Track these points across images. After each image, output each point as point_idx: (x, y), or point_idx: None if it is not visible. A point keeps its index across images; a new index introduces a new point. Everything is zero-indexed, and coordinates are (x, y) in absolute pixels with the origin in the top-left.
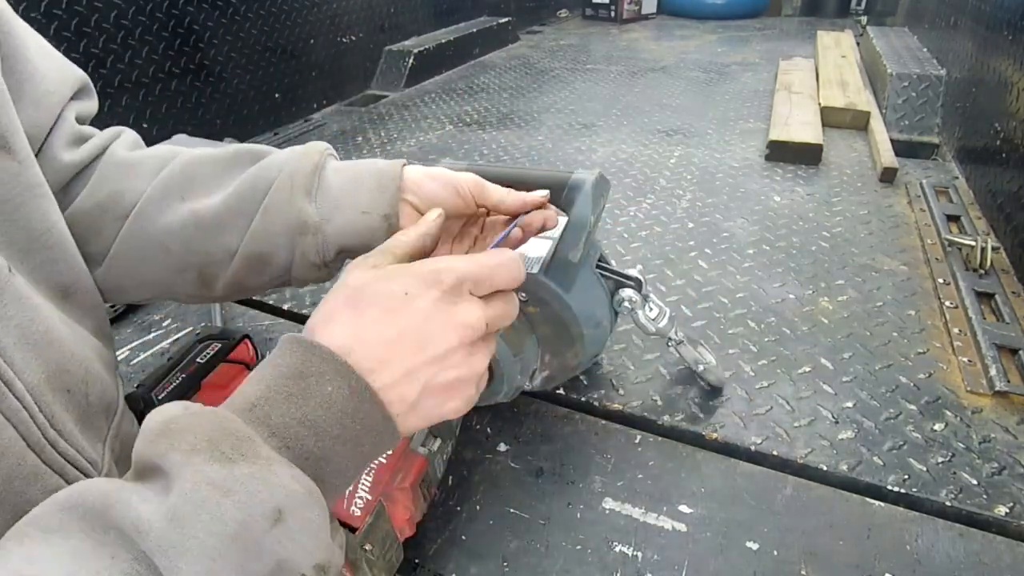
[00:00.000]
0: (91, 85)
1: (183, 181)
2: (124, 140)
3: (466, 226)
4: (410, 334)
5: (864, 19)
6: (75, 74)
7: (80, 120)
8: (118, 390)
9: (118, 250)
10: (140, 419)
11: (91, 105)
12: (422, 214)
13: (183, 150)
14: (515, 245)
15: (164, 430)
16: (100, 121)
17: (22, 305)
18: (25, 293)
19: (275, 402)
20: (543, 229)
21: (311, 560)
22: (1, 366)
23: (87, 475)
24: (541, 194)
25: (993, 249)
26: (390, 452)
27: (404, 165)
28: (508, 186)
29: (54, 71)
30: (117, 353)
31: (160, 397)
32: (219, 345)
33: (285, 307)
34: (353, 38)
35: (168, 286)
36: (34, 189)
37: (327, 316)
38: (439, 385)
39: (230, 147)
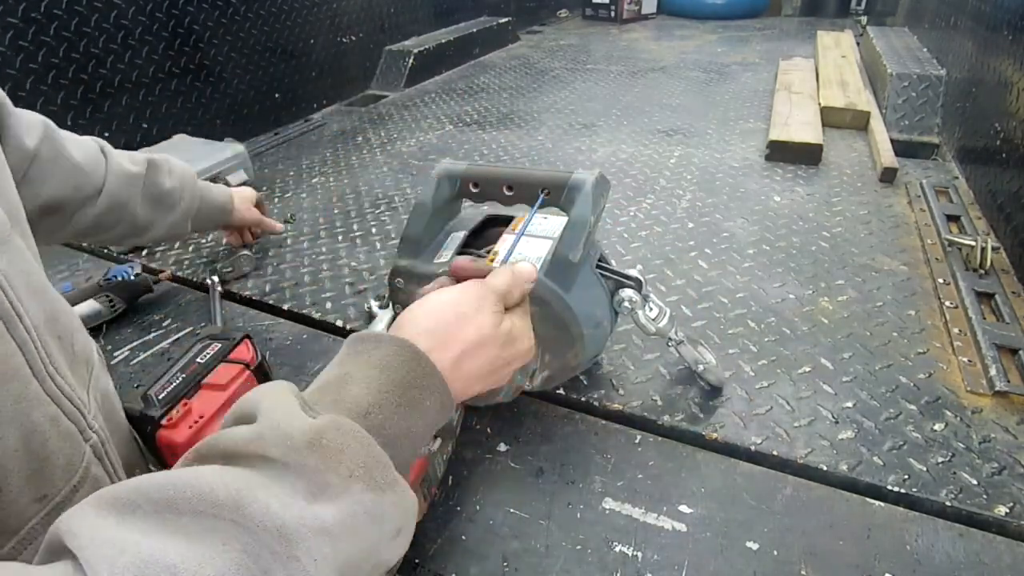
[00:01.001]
0: None
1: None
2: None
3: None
4: (477, 353)
5: (864, 19)
6: None
7: None
8: (94, 350)
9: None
10: (137, 423)
11: None
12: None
13: (112, 162)
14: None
15: (313, 445)
16: (101, 123)
17: (23, 257)
18: (23, 248)
19: (387, 411)
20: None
21: (399, 555)
22: (14, 300)
23: (79, 410)
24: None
25: (993, 249)
26: None
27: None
28: (508, 186)
29: None
30: (117, 353)
31: (160, 397)
32: (219, 345)
33: (285, 307)
34: (353, 38)
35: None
36: (5, 169)
37: (404, 324)
38: (485, 386)
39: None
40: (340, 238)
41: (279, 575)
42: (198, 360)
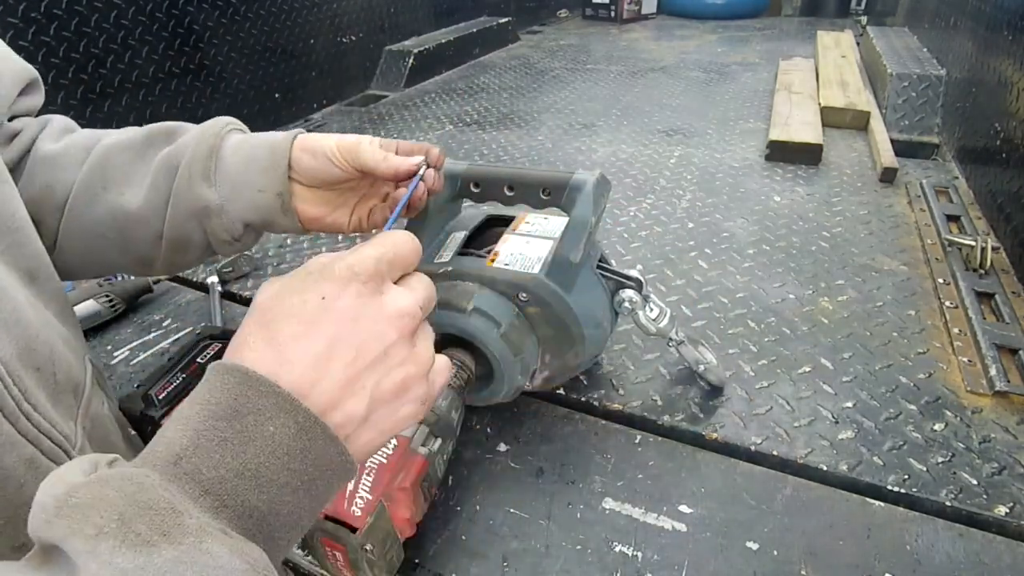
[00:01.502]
0: (39, 80)
1: (102, 172)
2: (50, 131)
3: (374, 186)
4: (342, 341)
5: (864, 19)
6: (23, 73)
7: (19, 116)
8: (85, 371)
9: (63, 240)
10: (137, 422)
11: (36, 100)
12: (306, 185)
13: (106, 135)
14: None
15: (62, 506)
16: (101, 123)
17: None
18: None
19: (206, 451)
20: (428, 195)
21: None
22: None
23: (61, 447)
24: (415, 160)
25: (993, 249)
26: (390, 453)
27: (295, 140)
28: (509, 186)
29: (5, 72)
30: (117, 353)
31: (160, 397)
32: (219, 345)
33: None
34: (353, 38)
35: (113, 266)
36: None
37: (240, 343)
38: (388, 389)
39: (143, 129)
40: (340, 238)
41: None
42: (198, 360)
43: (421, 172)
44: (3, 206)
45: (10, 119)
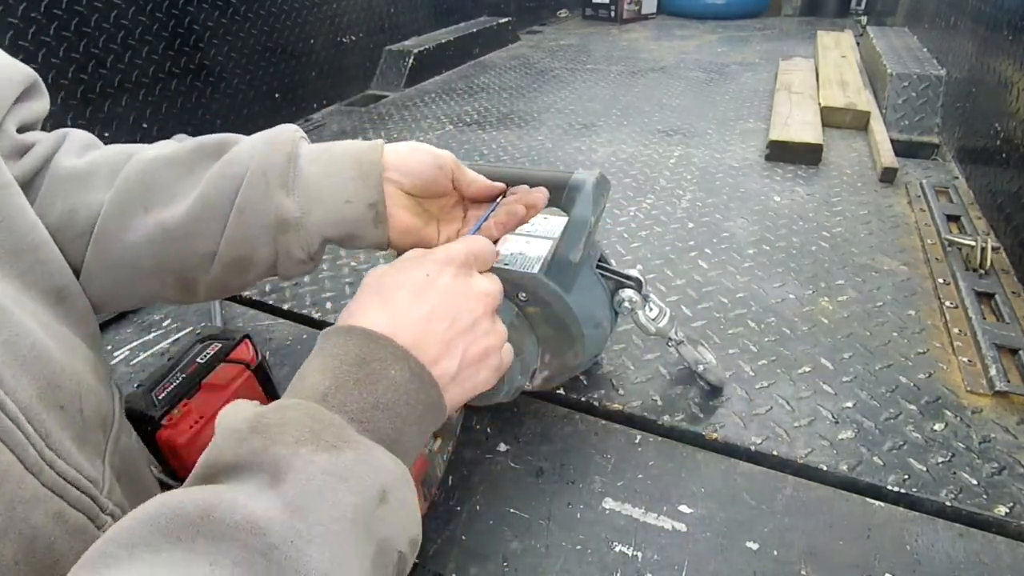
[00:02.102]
0: (40, 83)
1: (142, 190)
2: (70, 145)
3: (451, 210)
4: (441, 309)
5: (864, 19)
6: (18, 76)
7: (27, 124)
8: (113, 401)
9: (89, 269)
10: (137, 423)
11: (39, 106)
12: (408, 193)
13: (138, 150)
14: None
15: (256, 427)
16: (101, 123)
17: (7, 320)
18: (9, 308)
19: (346, 389)
20: (521, 222)
21: (407, 535)
22: None
23: (88, 495)
24: (499, 186)
25: (993, 249)
26: None
27: (385, 146)
28: (509, 186)
29: None
30: (117, 353)
31: (160, 397)
32: (219, 345)
33: (285, 307)
34: (353, 38)
35: (148, 296)
36: (8, 188)
37: (359, 309)
38: (474, 355)
39: (189, 142)
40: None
41: (274, 573)
42: (198, 360)
43: (498, 200)
44: (20, 221)
45: (18, 130)
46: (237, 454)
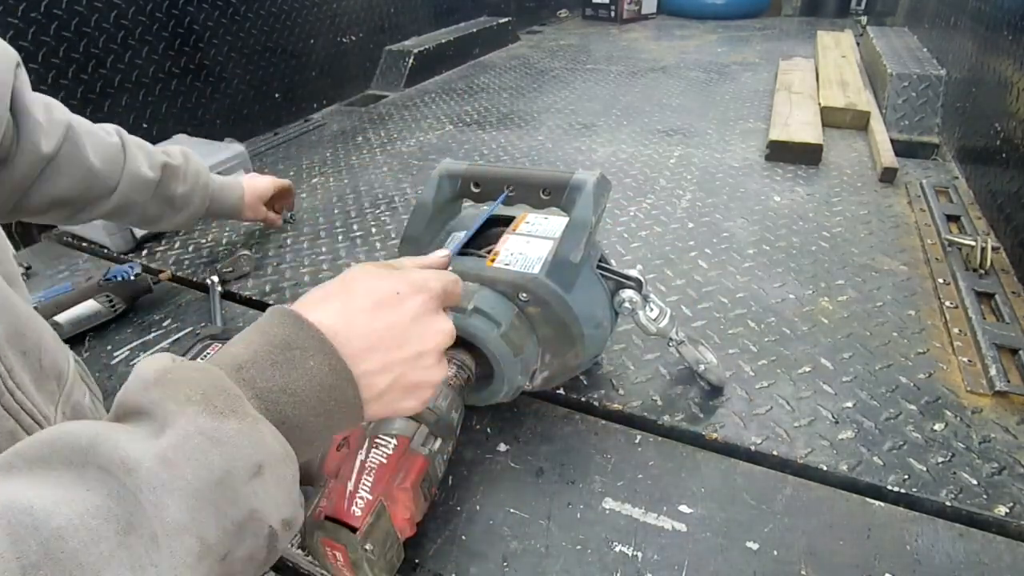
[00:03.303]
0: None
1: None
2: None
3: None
4: (396, 331)
5: (864, 19)
6: (15, 57)
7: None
8: (68, 364)
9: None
10: None
11: (25, 78)
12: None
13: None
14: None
15: (160, 379)
16: (101, 121)
17: None
18: None
19: (262, 367)
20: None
21: (280, 514)
22: None
23: (40, 425)
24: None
25: (993, 249)
26: (390, 453)
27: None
28: (509, 186)
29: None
30: (117, 353)
31: None
32: (219, 345)
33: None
34: (353, 38)
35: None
36: None
37: (322, 297)
38: (408, 383)
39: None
40: (340, 238)
41: (139, 516)
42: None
43: (500, 199)
44: None
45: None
46: (138, 400)
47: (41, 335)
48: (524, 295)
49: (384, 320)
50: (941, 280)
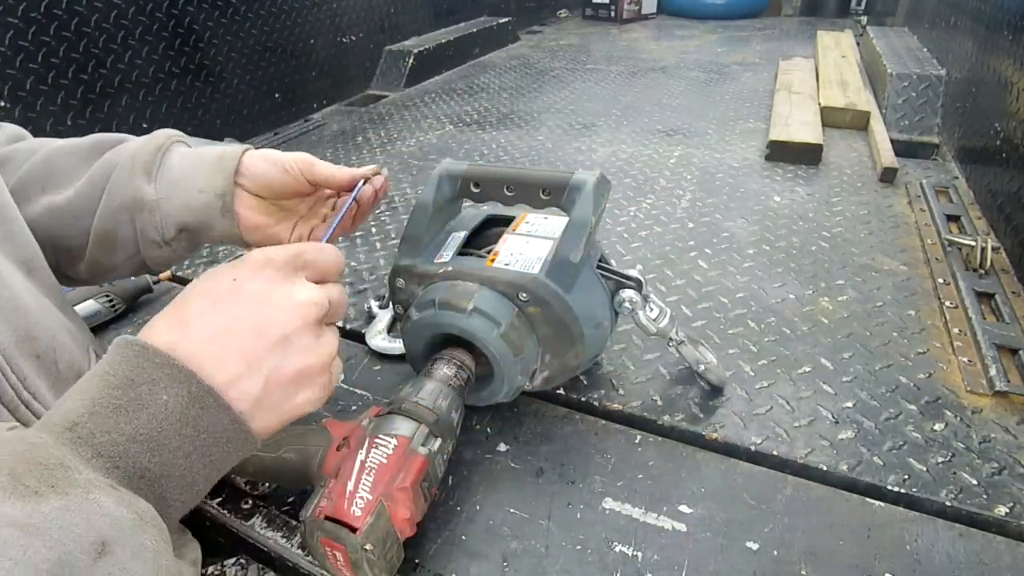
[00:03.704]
0: None
1: (43, 173)
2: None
3: (314, 207)
4: (245, 320)
5: (864, 19)
6: None
7: None
8: (89, 360)
9: None
10: None
11: None
12: (255, 195)
13: (51, 143)
14: (352, 220)
15: None
16: (101, 123)
17: None
18: None
19: (101, 417)
20: (375, 199)
21: None
22: None
23: None
24: (369, 168)
25: (993, 249)
26: (390, 453)
27: (246, 151)
28: (509, 186)
29: None
30: None
31: None
32: None
33: None
34: (353, 38)
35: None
36: None
37: (158, 318)
38: (286, 374)
39: (91, 137)
40: (340, 238)
41: None
42: None
43: (359, 187)
44: None
45: None
46: None
47: (55, 334)
48: (524, 295)
49: (228, 315)
50: (941, 280)
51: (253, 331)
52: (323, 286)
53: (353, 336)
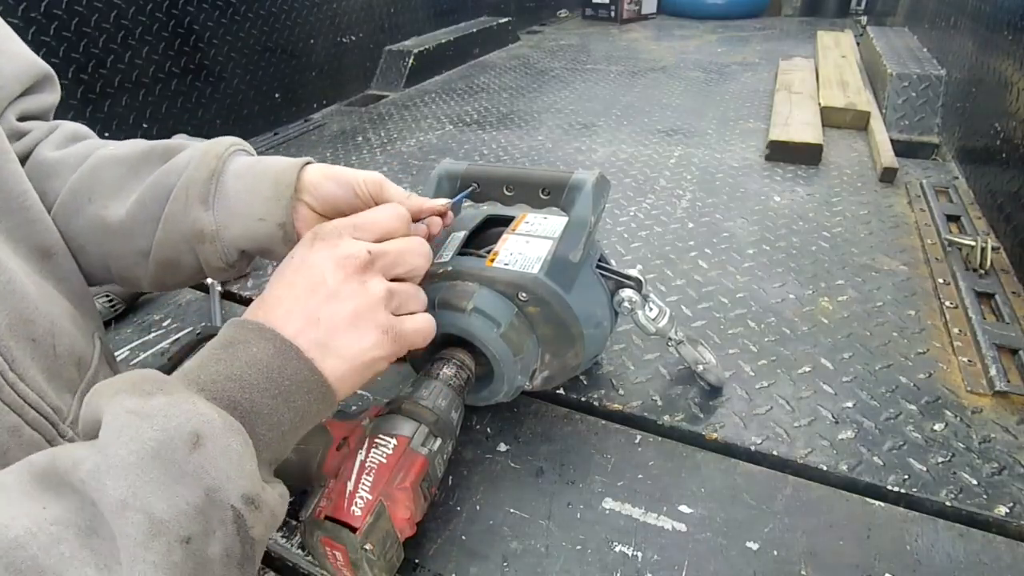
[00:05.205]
0: (53, 77)
1: (91, 183)
2: (56, 137)
3: None
4: (299, 285)
5: (864, 19)
6: (31, 71)
7: (31, 114)
8: (94, 348)
9: None
10: None
11: (47, 99)
12: (320, 215)
13: (102, 146)
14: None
15: (94, 391)
16: (101, 122)
17: None
18: None
19: (204, 367)
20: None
21: (237, 489)
22: None
23: (49, 420)
24: (443, 202)
25: (993, 249)
26: (390, 453)
27: (304, 166)
28: (509, 186)
29: (5, 66)
30: (117, 353)
31: None
32: None
33: None
34: (353, 38)
35: (98, 278)
36: (6, 154)
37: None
38: (342, 319)
39: (141, 144)
40: None
41: (98, 519)
42: None
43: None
44: (14, 184)
45: (20, 119)
46: (84, 419)
47: (56, 320)
48: (523, 295)
49: (287, 283)
50: (941, 280)
51: (307, 290)
52: (377, 243)
53: None
